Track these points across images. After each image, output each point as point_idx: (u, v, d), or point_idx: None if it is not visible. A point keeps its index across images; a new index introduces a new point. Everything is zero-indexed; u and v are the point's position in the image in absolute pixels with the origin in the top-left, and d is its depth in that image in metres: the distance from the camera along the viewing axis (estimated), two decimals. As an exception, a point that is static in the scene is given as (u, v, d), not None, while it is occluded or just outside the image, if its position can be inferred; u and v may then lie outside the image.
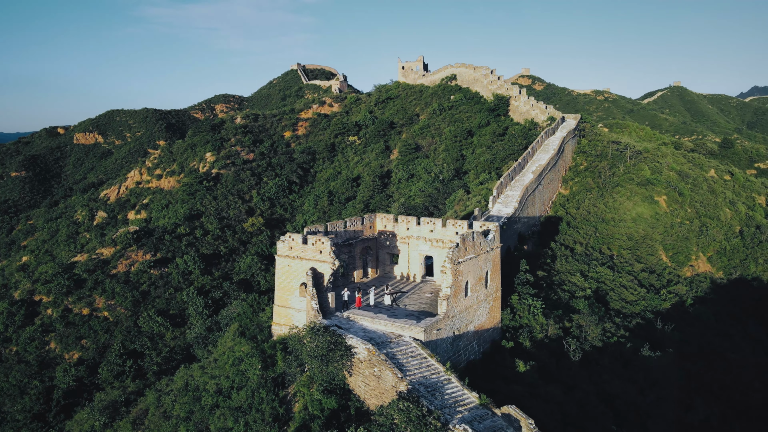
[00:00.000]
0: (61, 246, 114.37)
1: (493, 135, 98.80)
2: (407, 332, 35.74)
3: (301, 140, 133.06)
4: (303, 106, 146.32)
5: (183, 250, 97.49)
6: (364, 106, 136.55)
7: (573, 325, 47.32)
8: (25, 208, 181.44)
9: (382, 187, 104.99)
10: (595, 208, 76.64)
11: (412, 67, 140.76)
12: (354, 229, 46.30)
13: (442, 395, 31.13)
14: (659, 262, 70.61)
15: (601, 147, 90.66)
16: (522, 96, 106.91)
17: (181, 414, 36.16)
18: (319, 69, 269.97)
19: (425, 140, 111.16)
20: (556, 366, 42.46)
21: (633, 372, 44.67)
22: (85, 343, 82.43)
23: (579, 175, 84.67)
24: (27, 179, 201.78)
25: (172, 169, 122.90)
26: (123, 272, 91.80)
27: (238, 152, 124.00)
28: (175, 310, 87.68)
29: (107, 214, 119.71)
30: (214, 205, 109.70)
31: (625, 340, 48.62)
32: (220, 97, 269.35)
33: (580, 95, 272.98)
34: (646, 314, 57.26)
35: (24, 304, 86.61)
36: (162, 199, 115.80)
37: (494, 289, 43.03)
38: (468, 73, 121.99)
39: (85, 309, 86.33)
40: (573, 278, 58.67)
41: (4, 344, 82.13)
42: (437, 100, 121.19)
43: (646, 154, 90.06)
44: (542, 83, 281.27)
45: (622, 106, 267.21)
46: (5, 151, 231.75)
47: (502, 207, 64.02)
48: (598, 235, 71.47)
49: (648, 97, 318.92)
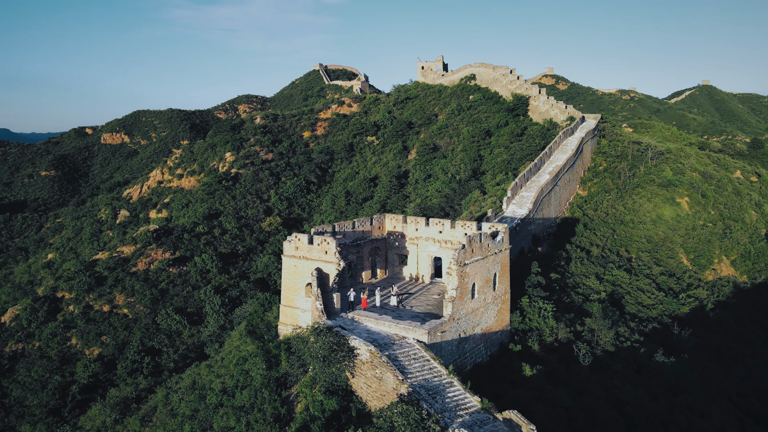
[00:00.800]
0: (85, 244, 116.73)
1: (511, 135, 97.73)
2: (411, 334, 35.46)
3: (320, 140, 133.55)
4: (322, 106, 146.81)
5: (201, 249, 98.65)
6: (382, 106, 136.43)
7: (585, 329, 46.43)
8: (54, 207, 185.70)
9: (399, 188, 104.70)
10: (613, 209, 75.20)
11: (431, 67, 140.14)
12: (362, 229, 46.15)
13: (443, 398, 30.77)
14: (679, 265, 68.93)
15: (622, 147, 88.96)
16: (541, 96, 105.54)
17: (187, 412, 36.48)
18: (341, 69, 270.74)
19: (443, 140, 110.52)
20: (566, 370, 41.70)
21: (646, 378, 43.62)
22: (105, 340, 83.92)
23: (598, 176, 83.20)
24: (56, 178, 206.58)
25: (192, 168, 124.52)
26: (143, 270, 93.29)
27: (257, 152, 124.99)
28: (193, 308, 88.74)
29: (130, 213, 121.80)
30: (232, 205, 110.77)
31: (639, 344, 47.55)
32: (242, 98, 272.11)
33: (604, 95, 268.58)
34: (664, 319, 55.95)
35: (47, 300, 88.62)
36: (182, 199, 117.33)
37: (503, 291, 42.44)
38: (487, 72, 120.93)
39: (106, 306, 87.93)
40: (588, 281, 57.62)
41: (28, 339, 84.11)
42: (456, 100, 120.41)
43: (668, 154, 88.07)
44: (566, 83, 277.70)
45: (648, 106, 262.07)
46: (36, 150, 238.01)
47: (516, 208, 63.23)
48: (615, 237, 70.10)
49: (675, 97, 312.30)
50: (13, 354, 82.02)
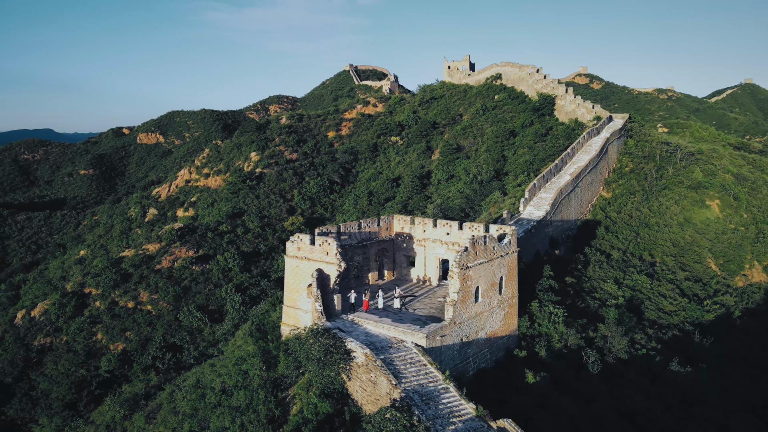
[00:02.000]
0: (115, 241, 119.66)
1: (536, 135, 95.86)
2: (409, 338, 34.87)
3: (345, 140, 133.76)
4: (347, 106, 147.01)
5: (224, 248, 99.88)
6: (408, 106, 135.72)
7: (598, 335, 44.96)
8: (92, 204, 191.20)
9: (422, 188, 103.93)
10: (638, 212, 72.89)
11: (458, 67, 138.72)
12: (369, 230, 45.72)
13: (437, 405, 30.10)
14: (706, 270, 66.32)
15: (650, 148, 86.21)
16: (568, 95, 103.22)
17: (187, 410, 36.76)
18: (371, 69, 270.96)
19: (467, 141, 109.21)
20: (574, 378, 40.42)
21: (660, 387, 41.94)
22: (129, 335, 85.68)
23: (623, 178, 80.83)
24: (94, 177, 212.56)
25: (218, 168, 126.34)
26: (166, 268, 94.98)
27: (281, 152, 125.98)
28: (214, 305, 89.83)
29: (158, 211, 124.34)
30: (256, 204, 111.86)
31: (655, 352, 45.80)
32: (273, 98, 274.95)
33: (640, 94, 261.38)
34: (685, 326, 53.85)
35: (74, 296, 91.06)
36: (208, 197, 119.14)
37: (509, 295, 41.40)
38: (513, 72, 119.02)
39: (130, 302, 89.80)
40: (605, 285, 55.87)
41: (56, 334, 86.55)
42: (481, 100, 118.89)
43: (699, 155, 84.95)
44: (600, 82, 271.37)
45: (686, 105, 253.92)
46: (76, 150, 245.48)
47: (533, 210, 61.88)
48: (639, 240, 67.90)
49: (716, 96, 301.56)
50: (41, 347, 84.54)
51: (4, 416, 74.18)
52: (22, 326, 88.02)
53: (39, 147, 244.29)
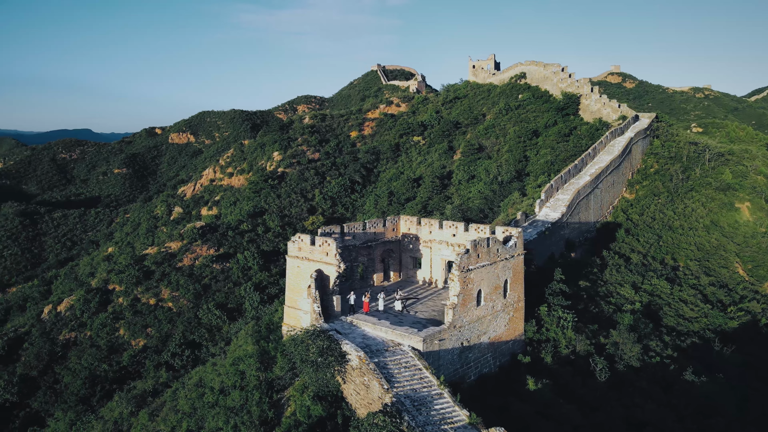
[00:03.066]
0: (141, 239, 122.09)
1: (558, 135, 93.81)
2: (406, 341, 34.24)
3: (367, 140, 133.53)
4: (370, 106, 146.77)
5: (244, 246, 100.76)
6: (431, 106, 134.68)
7: (609, 341, 43.47)
8: (124, 203, 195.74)
9: (442, 188, 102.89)
10: (661, 214, 70.52)
11: (482, 66, 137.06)
12: (374, 230, 45.22)
13: (428, 411, 29.41)
14: (733, 276, 63.65)
15: (676, 148, 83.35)
16: (593, 94, 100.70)
17: (187, 409, 36.92)
18: (399, 69, 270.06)
19: (489, 141, 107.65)
20: (581, 385, 39.10)
21: (673, 397, 40.26)
22: (150, 332, 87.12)
23: (647, 179, 78.34)
24: (128, 176, 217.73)
25: (242, 167, 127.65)
26: (188, 265, 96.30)
27: (303, 151, 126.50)
28: (233, 304, 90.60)
29: (183, 210, 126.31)
30: (277, 203, 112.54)
31: (671, 360, 44.02)
32: (302, 98, 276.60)
33: (675, 93, 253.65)
34: (706, 333, 51.71)
35: (98, 292, 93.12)
36: (231, 196, 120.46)
37: (515, 299, 40.34)
38: (537, 71, 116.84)
39: (152, 299, 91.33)
40: (622, 290, 54.10)
41: (80, 329, 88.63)
42: (504, 100, 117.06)
43: (729, 156, 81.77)
44: (633, 81, 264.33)
45: (724, 105, 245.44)
46: (111, 149, 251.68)
47: (549, 211, 60.44)
48: (661, 243, 65.65)
49: (756, 94, 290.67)
50: (66, 342, 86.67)
51: (29, 408, 76.27)
52: (48, 321, 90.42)
53: (76, 147, 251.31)
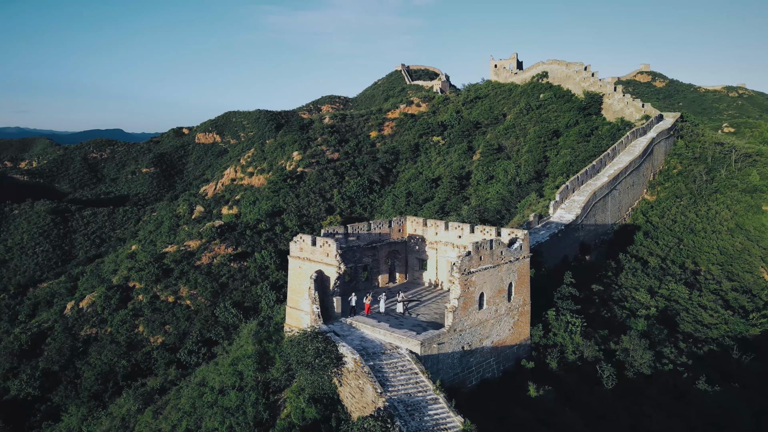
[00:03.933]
0: (163, 237, 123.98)
1: (579, 135, 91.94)
2: (404, 344, 33.70)
3: (387, 140, 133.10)
4: (390, 105, 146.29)
5: (262, 245, 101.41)
6: (451, 106, 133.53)
7: (620, 347, 42.18)
8: (152, 201, 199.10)
9: (460, 189, 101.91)
10: (683, 216, 68.41)
11: (504, 65, 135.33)
12: (379, 231, 44.77)
13: (422, 416, 28.84)
14: (758, 281, 61.34)
15: (701, 149, 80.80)
16: (616, 93, 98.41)
17: (187, 408, 37.07)
18: (423, 69, 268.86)
19: (509, 141, 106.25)
20: (588, 393, 38.00)
21: (685, 407, 38.83)
22: (168, 329, 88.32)
23: (669, 180, 76.09)
24: (155, 175, 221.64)
25: (262, 167, 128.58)
26: (206, 264, 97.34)
27: (323, 151, 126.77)
28: (250, 302, 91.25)
29: (204, 209, 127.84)
30: (295, 203, 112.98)
31: (683, 368, 42.49)
32: (326, 98, 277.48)
33: (708, 92, 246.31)
34: (725, 340, 49.86)
35: (119, 289, 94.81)
36: (251, 196, 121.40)
37: (520, 302, 39.42)
38: (560, 70, 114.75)
39: (171, 297, 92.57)
40: (637, 294, 52.55)
41: (101, 325, 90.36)
42: (525, 99, 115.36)
43: (757, 157, 78.91)
44: (664, 80, 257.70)
45: (759, 104, 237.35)
46: (139, 149, 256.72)
47: (564, 213, 59.13)
48: (681, 247, 63.66)
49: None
50: (87, 338, 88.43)
51: (50, 402, 78.00)
52: (71, 317, 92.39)
53: (106, 146, 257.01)
